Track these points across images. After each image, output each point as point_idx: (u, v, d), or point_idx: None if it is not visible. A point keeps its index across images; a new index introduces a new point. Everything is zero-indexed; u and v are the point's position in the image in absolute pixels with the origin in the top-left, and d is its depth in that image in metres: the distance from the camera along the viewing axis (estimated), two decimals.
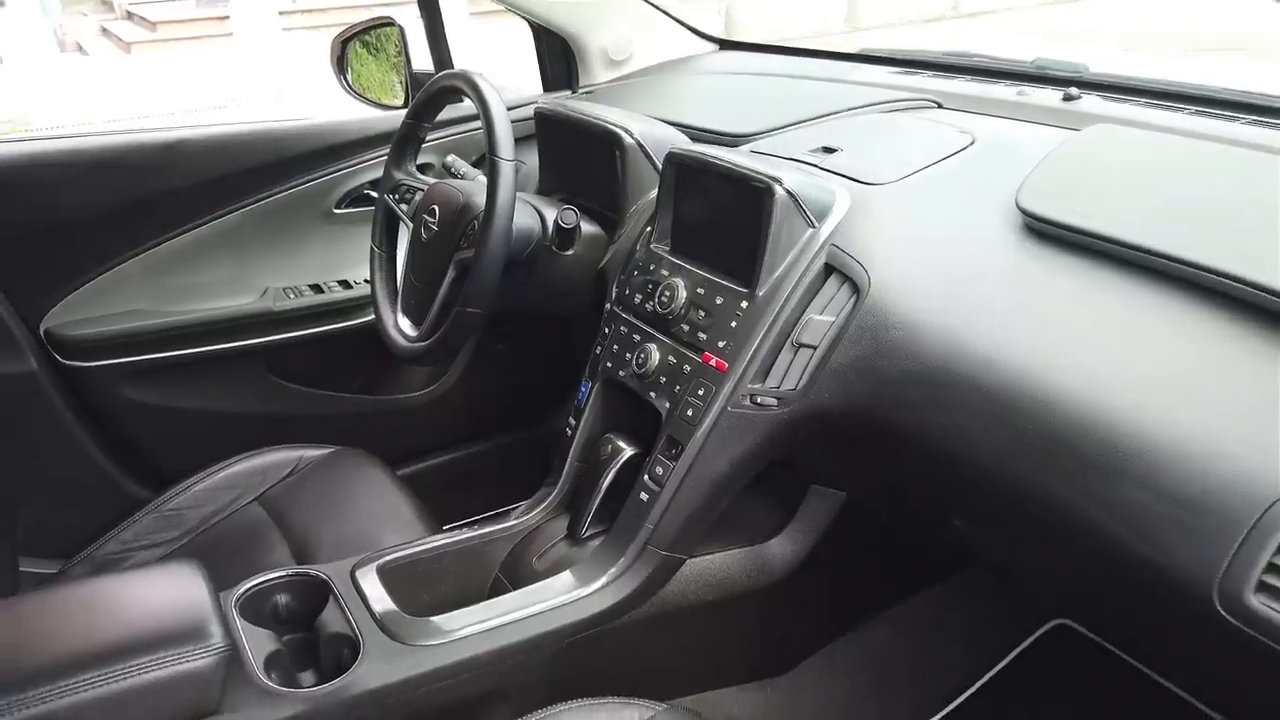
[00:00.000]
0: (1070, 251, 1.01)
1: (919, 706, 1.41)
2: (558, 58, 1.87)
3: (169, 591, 0.99)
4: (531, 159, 1.68)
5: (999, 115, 1.39)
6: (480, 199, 1.31)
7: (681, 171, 1.25)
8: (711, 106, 1.62)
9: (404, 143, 1.49)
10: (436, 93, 1.41)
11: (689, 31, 1.96)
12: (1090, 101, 1.38)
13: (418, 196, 1.45)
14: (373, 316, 1.53)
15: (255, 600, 1.13)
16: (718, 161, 1.18)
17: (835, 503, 1.29)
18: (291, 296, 1.70)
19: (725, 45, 1.98)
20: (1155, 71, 1.45)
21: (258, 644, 1.05)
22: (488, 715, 1.13)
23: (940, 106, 1.49)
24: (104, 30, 9.07)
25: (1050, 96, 1.41)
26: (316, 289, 1.73)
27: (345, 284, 1.75)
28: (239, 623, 1.07)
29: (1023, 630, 1.49)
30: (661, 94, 1.76)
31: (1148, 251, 0.94)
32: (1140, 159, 1.13)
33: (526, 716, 0.98)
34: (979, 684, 1.45)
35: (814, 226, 1.13)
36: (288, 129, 1.68)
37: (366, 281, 1.63)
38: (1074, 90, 1.39)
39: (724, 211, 1.21)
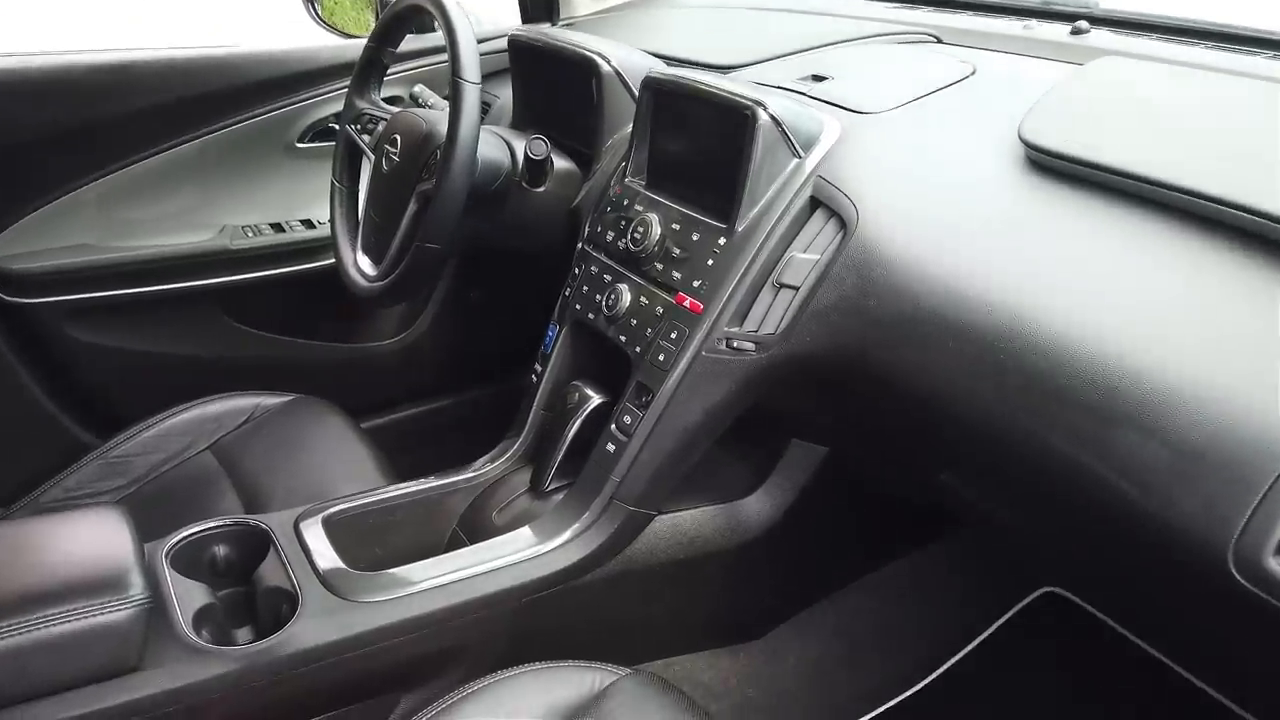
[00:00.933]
0: (1075, 186, 0.94)
1: (897, 676, 1.35)
2: None
3: (87, 538, 0.92)
4: (505, 94, 1.59)
5: (1002, 50, 1.30)
6: (444, 128, 1.22)
7: (659, 97, 1.16)
8: (696, 38, 1.53)
9: (367, 69, 1.40)
10: (400, 12, 1.32)
11: None
12: (1100, 36, 1.29)
13: (380, 127, 1.36)
14: None
15: (190, 551, 1.05)
16: (697, 85, 1.09)
17: (815, 458, 1.21)
18: (250, 235, 1.61)
19: None
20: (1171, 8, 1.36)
21: (188, 597, 0.97)
22: (439, 677, 1.06)
23: (939, 41, 1.40)
24: None
25: (1058, 31, 1.32)
26: (277, 228, 1.64)
27: (308, 223, 1.66)
28: (169, 574, 0.99)
29: (1009, 598, 1.42)
30: (644, 26, 1.66)
31: (1159, 184, 0.87)
32: (1152, 91, 1.05)
33: (480, 680, 0.91)
34: (963, 653, 1.38)
35: (799, 157, 1.05)
36: (248, 54, 1.58)
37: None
38: (1083, 24, 1.30)
39: (703, 141, 1.12)
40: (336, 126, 1.64)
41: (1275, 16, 1.26)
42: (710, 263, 1.07)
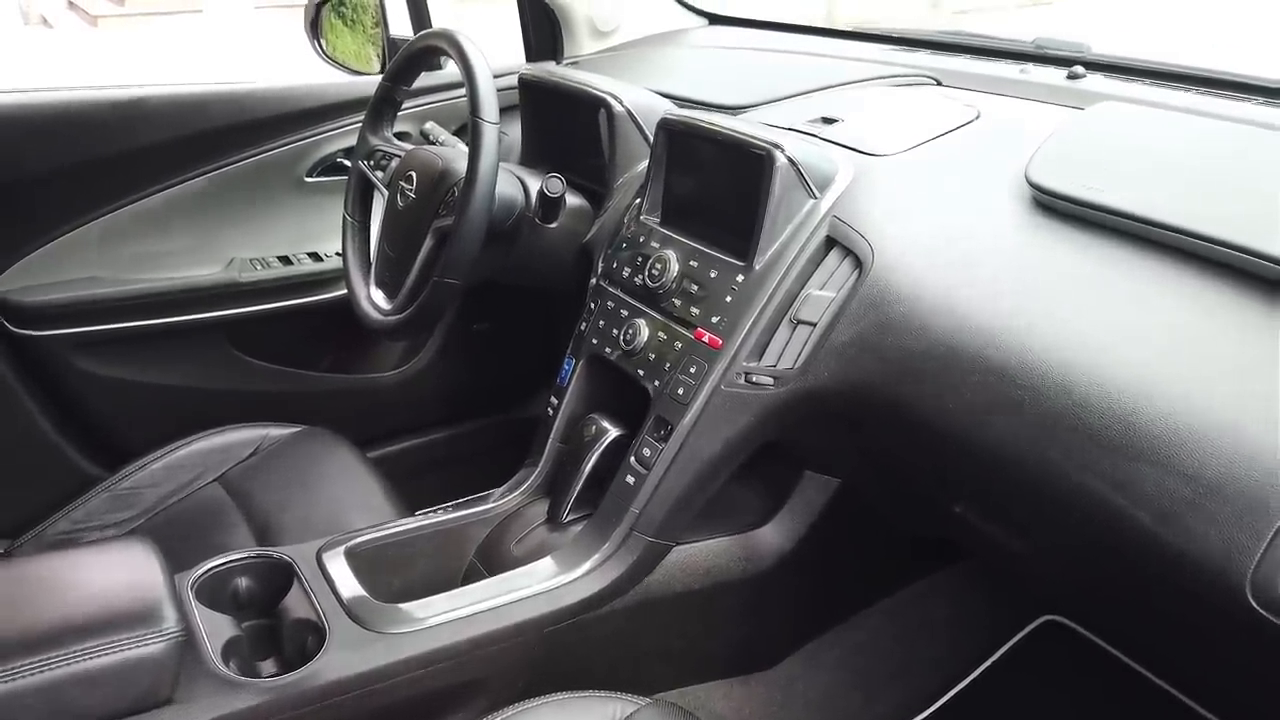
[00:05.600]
0: (1082, 227, 0.98)
1: (907, 703, 1.36)
2: (542, 26, 1.80)
3: (119, 571, 0.92)
4: (513, 131, 1.62)
5: (1001, 93, 1.34)
6: (460, 165, 1.25)
7: (674, 138, 1.19)
8: (703, 78, 1.57)
9: (380, 106, 1.42)
10: (416, 53, 1.34)
11: (678, 4, 1.90)
12: (1095, 80, 1.33)
13: (394, 163, 1.38)
14: (344, 291, 1.46)
15: (213, 583, 1.06)
16: (713, 127, 1.13)
17: (828, 490, 1.23)
18: (258, 268, 1.62)
19: (715, 20, 1.92)
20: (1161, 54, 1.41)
21: (215, 629, 0.98)
22: (461, 708, 1.07)
23: (939, 84, 1.44)
24: (71, 3, 8.85)
25: (1054, 75, 1.37)
26: (285, 261, 1.65)
27: (315, 256, 1.67)
28: (195, 607, 1.00)
29: (1012, 626, 1.45)
30: (651, 65, 1.70)
31: (1165, 227, 0.90)
32: (1152, 135, 1.09)
33: (502, 710, 0.92)
34: (967, 680, 1.40)
35: (815, 197, 1.08)
36: (257, 90, 1.60)
37: (338, 254, 1.55)
38: (1079, 69, 1.35)
39: (719, 181, 1.15)
40: (345, 162, 1.66)
41: (1261, 63, 1.32)
42: (729, 299, 1.09)
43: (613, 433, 1.18)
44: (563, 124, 1.48)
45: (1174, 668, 1.13)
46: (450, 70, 1.73)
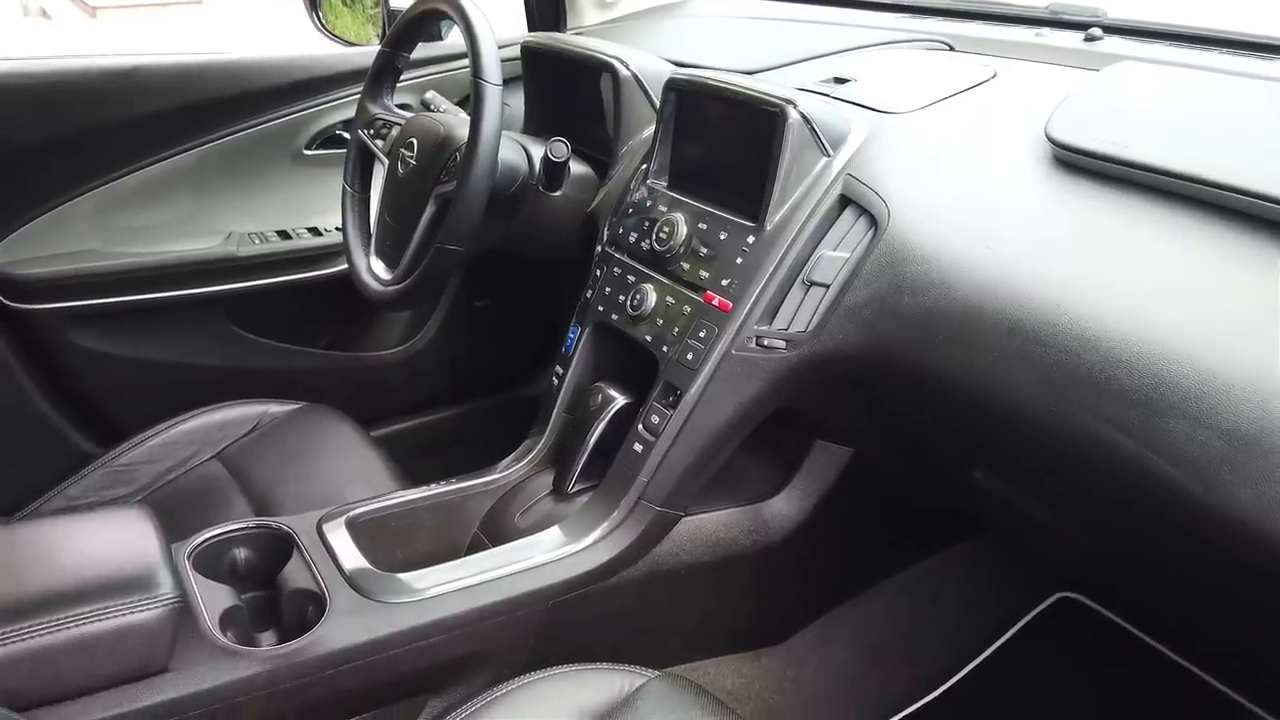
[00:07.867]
0: (1103, 182, 0.95)
1: (918, 680, 1.34)
2: None
3: (114, 537, 0.90)
4: (516, 101, 1.59)
5: (1016, 57, 1.31)
6: (462, 131, 1.22)
7: (682, 99, 1.16)
8: (711, 45, 1.54)
9: (380, 75, 1.39)
10: (416, 17, 1.31)
11: None
12: (1113, 43, 1.30)
13: (394, 131, 1.35)
14: (344, 267, 1.43)
15: (211, 553, 1.03)
16: (723, 85, 1.10)
17: (840, 460, 1.21)
18: (257, 242, 1.59)
19: None
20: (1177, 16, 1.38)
21: (213, 599, 0.96)
22: (466, 680, 1.04)
23: (952, 49, 1.41)
24: None
25: (1070, 38, 1.34)
26: (284, 235, 1.62)
27: (315, 231, 1.64)
28: (192, 576, 0.97)
29: (1026, 603, 1.43)
30: (655, 34, 1.67)
31: (1191, 179, 0.87)
32: (1173, 92, 1.06)
33: (507, 682, 0.90)
34: (981, 658, 1.38)
35: (828, 155, 1.05)
36: (256, 61, 1.57)
37: (338, 228, 1.53)
38: (1096, 31, 1.32)
39: (729, 140, 1.12)
40: (344, 134, 1.63)
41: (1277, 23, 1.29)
42: (739, 261, 1.07)
43: (619, 401, 1.15)
44: (567, 91, 1.45)
45: (1195, 640, 1.10)
46: (452, 41, 1.71)
